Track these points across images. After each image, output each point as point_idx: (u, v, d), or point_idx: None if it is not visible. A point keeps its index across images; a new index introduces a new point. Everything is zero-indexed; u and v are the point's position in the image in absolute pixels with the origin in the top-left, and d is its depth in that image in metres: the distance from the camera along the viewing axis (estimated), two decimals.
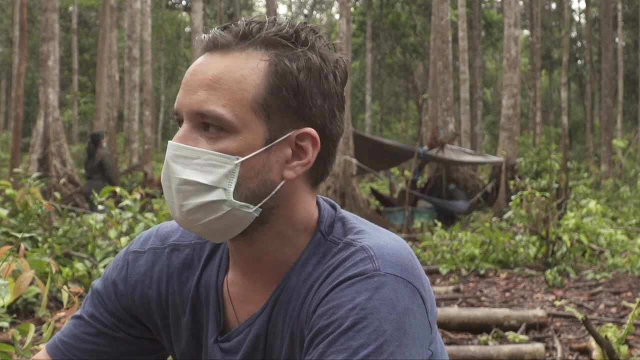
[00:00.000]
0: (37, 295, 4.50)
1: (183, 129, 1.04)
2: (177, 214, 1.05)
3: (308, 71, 1.04)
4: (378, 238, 1.08)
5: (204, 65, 1.04)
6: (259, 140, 1.03)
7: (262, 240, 1.09)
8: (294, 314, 1.08)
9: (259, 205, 1.04)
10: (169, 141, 1.04)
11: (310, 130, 1.05)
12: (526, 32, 41.28)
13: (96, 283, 1.25)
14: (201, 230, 1.05)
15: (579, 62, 37.62)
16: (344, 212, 1.16)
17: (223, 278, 1.17)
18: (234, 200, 1.02)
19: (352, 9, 28.20)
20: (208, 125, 1.02)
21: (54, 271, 2.05)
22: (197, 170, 1.01)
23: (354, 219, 1.14)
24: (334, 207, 1.17)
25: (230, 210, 1.03)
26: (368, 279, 1.00)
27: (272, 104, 1.03)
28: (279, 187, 1.05)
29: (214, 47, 1.05)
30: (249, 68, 1.03)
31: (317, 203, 1.14)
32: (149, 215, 6.05)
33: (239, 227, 1.05)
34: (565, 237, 7.27)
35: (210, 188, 1.01)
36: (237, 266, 1.15)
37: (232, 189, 1.02)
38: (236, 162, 1.01)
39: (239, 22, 1.07)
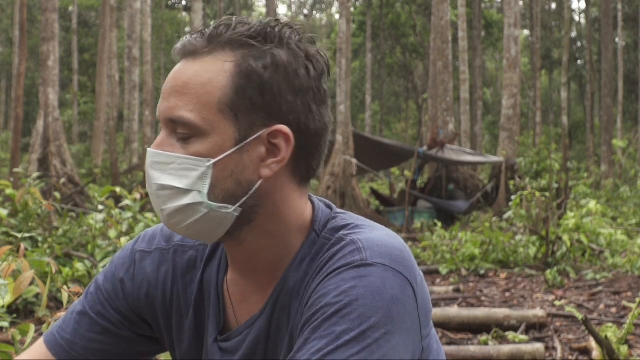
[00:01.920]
0: (37, 295, 4.50)
1: (160, 136, 1.07)
2: (161, 218, 1.08)
3: (275, 68, 1.04)
4: (370, 233, 1.07)
5: (177, 73, 1.07)
6: (229, 141, 1.04)
7: (251, 240, 1.09)
8: (295, 315, 1.08)
9: (238, 205, 1.05)
10: (148, 149, 1.07)
11: (282, 127, 1.05)
12: (526, 32, 41.29)
13: (100, 279, 1.24)
14: (185, 232, 1.07)
15: (579, 62, 37.62)
16: (340, 211, 1.16)
17: (223, 277, 1.18)
18: (210, 202, 1.03)
19: (352, 9, 28.19)
20: (179, 130, 1.05)
21: (54, 271, 2.05)
22: (173, 175, 1.03)
23: (350, 217, 1.14)
24: (329, 207, 1.16)
25: (208, 211, 1.04)
26: (355, 268, 1.00)
27: (238, 105, 1.03)
28: (257, 185, 1.06)
29: (185, 53, 1.07)
30: (214, 71, 1.04)
31: (312, 203, 1.15)
32: (149, 215, 6.04)
33: (221, 227, 1.06)
34: (565, 237, 7.26)
35: (185, 192, 1.03)
36: (234, 266, 1.15)
37: (206, 191, 1.03)
38: (207, 164, 1.03)
39: (211, 25, 1.09)
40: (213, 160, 1.03)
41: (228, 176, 1.04)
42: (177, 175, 1.03)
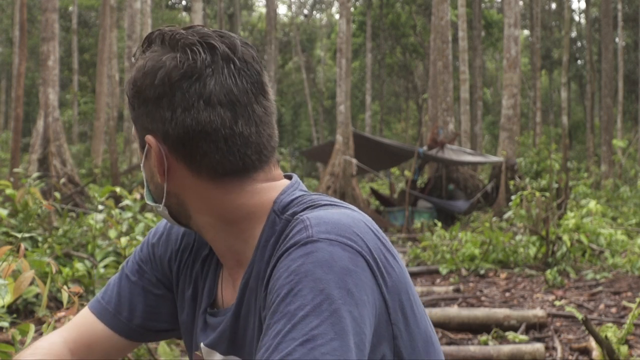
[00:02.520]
0: (37, 295, 4.50)
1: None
2: None
3: (133, 83, 1.12)
4: (326, 211, 1.07)
5: None
6: (141, 150, 1.16)
7: (207, 232, 1.16)
8: (260, 299, 1.09)
9: (162, 204, 1.16)
10: None
11: (147, 137, 1.12)
12: (526, 32, 41.28)
13: (138, 249, 1.36)
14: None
15: (579, 62, 37.62)
16: (310, 193, 1.16)
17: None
18: (148, 201, 1.19)
19: (352, 9, 28.18)
20: None
21: (54, 271, 2.05)
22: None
23: (319, 198, 1.13)
24: (301, 190, 1.16)
25: (155, 207, 1.18)
26: (302, 246, 0.99)
27: (132, 117, 1.15)
28: (165, 188, 1.14)
29: None
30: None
31: (280, 188, 1.14)
32: (149, 215, 6.04)
33: (169, 219, 1.19)
34: (565, 237, 7.26)
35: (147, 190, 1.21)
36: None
37: (146, 191, 1.19)
38: (141, 166, 1.17)
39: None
40: (141, 164, 1.17)
41: (150, 180, 1.17)
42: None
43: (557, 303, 5.67)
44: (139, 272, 1.31)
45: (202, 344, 1.20)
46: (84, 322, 1.30)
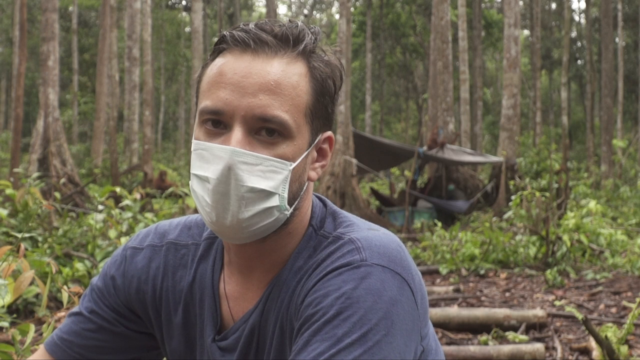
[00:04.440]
0: (37, 295, 4.49)
1: (238, 132, 1.02)
2: (227, 221, 1.03)
3: (335, 77, 1.09)
4: (367, 231, 1.08)
5: (258, 68, 1.03)
6: (305, 145, 1.06)
7: (274, 239, 1.10)
8: (283, 306, 1.08)
9: (293, 207, 1.07)
10: (228, 147, 1.02)
11: (331, 133, 1.11)
12: (526, 32, 41.28)
13: (95, 280, 1.26)
14: (248, 235, 1.06)
15: (579, 62, 37.61)
16: (335, 208, 1.17)
17: (219, 277, 1.18)
18: (286, 205, 1.05)
19: (352, 9, 28.19)
20: (262, 129, 1.03)
21: (54, 271, 2.05)
22: (260, 177, 1.02)
23: (345, 215, 1.15)
24: (324, 202, 1.18)
25: (278, 215, 1.05)
26: (355, 269, 1.00)
27: (316, 110, 1.06)
28: (305, 187, 1.09)
29: (257, 49, 1.04)
30: (298, 74, 1.05)
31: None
32: (149, 215, 6.04)
33: (274, 229, 1.07)
34: (565, 237, 7.26)
35: (269, 194, 1.03)
36: (234, 264, 1.16)
37: (286, 195, 1.04)
38: (290, 167, 1.04)
39: (267, 23, 1.07)
40: (294, 164, 1.04)
41: (297, 179, 1.06)
42: (264, 177, 1.02)
43: (557, 303, 5.67)
44: (94, 309, 1.23)
45: None
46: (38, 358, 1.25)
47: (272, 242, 1.10)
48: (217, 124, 1.04)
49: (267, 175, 1.02)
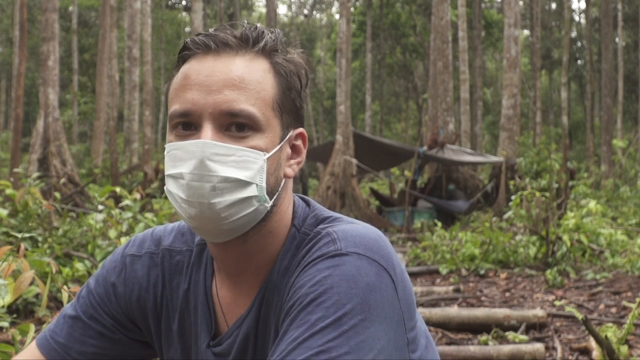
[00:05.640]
0: (37, 295, 4.49)
1: (208, 130, 1.03)
2: (206, 214, 1.04)
3: (300, 74, 1.11)
4: (346, 224, 1.09)
5: (221, 67, 1.06)
6: (277, 139, 1.08)
7: (255, 239, 1.11)
8: (278, 309, 1.09)
9: (272, 200, 1.08)
10: (200, 140, 1.03)
11: (303, 130, 1.12)
12: (526, 32, 41.28)
13: (92, 283, 1.25)
14: (228, 228, 1.06)
15: (579, 62, 37.62)
16: (319, 207, 1.18)
17: (211, 283, 1.18)
18: (265, 196, 1.06)
19: (352, 9, 28.19)
20: (232, 125, 1.04)
21: (54, 271, 2.05)
22: (234, 167, 1.03)
23: (329, 213, 1.16)
24: (307, 203, 1.19)
25: (258, 206, 1.06)
26: (329, 258, 1.01)
27: (284, 104, 1.08)
28: (282, 184, 1.10)
29: (219, 49, 1.07)
30: (261, 70, 1.07)
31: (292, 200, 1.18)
32: (149, 215, 6.05)
33: (254, 222, 1.08)
34: (565, 237, 7.26)
35: (246, 184, 1.04)
36: (223, 270, 1.16)
37: (264, 184, 1.05)
38: (264, 157, 1.05)
39: (227, 27, 1.11)
40: (268, 155, 1.06)
41: (273, 172, 1.07)
42: (239, 167, 1.03)
43: (557, 303, 5.66)
44: (94, 315, 1.22)
45: None
46: (31, 358, 1.22)
47: (253, 242, 1.10)
48: (188, 126, 1.05)
49: (242, 165, 1.03)
